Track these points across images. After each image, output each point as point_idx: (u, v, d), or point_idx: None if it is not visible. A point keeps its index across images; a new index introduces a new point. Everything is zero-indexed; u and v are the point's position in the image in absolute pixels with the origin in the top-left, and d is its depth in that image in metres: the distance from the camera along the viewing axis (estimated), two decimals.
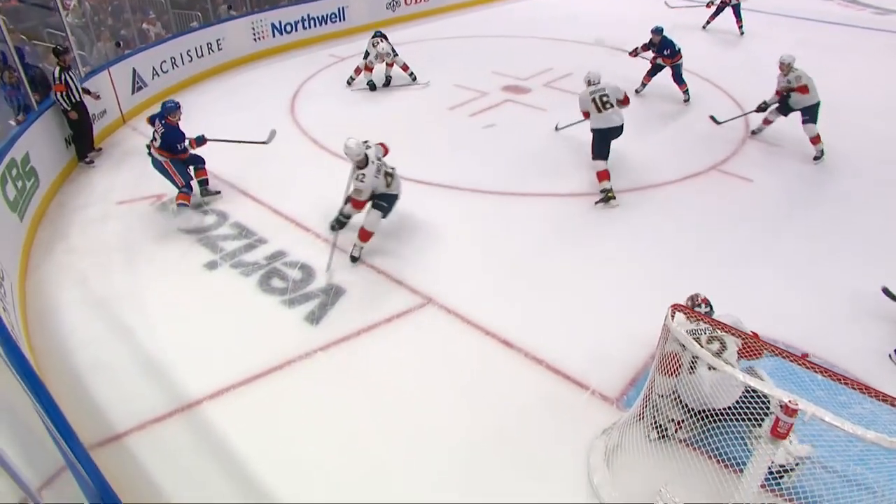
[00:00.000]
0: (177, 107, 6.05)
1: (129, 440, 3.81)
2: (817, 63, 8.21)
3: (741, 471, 3.10)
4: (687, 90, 9.00)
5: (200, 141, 6.28)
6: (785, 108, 7.49)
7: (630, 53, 9.49)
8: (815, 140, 7.30)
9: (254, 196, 6.51)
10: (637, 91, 9.26)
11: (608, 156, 6.44)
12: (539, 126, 8.31)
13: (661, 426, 3.78)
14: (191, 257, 5.58)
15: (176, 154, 6.05)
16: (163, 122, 5.99)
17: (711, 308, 4.02)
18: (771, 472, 3.20)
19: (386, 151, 5.70)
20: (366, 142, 5.35)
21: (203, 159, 6.42)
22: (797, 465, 3.46)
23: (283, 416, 4.00)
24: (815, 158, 7.34)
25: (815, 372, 3.11)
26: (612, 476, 3.56)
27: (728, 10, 12.88)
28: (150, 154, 6.14)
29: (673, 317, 3.31)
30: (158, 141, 5.99)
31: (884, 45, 12.54)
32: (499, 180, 6.83)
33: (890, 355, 4.47)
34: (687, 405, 3.67)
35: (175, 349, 4.51)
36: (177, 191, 6.14)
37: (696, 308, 3.94)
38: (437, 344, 4.63)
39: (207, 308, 4.98)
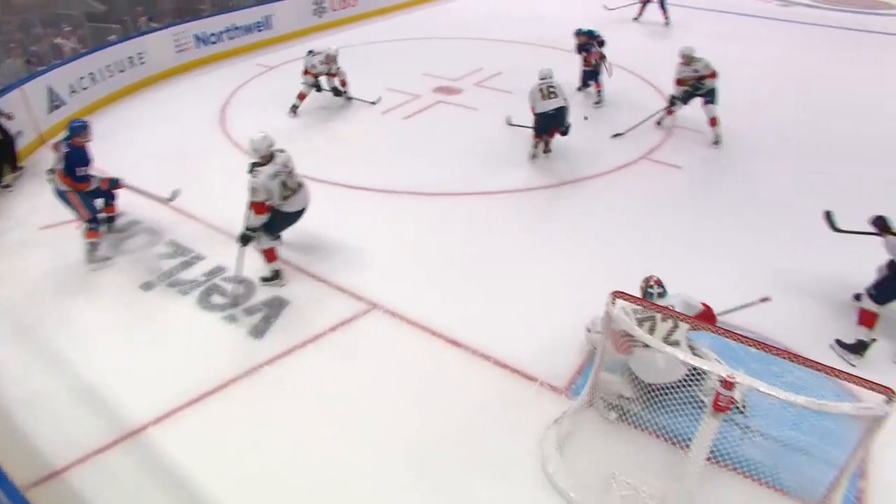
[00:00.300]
0: (84, 127, 5.40)
1: (71, 475, 3.63)
2: (737, 53, 8.62)
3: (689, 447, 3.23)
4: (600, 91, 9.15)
5: (114, 184, 5.62)
6: (687, 97, 7.81)
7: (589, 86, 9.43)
8: (714, 122, 7.75)
9: (188, 212, 6.31)
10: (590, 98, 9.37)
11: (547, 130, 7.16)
12: (471, 125, 8.44)
13: (617, 406, 3.93)
14: (124, 279, 5.37)
15: (77, 182, 5.32)
16: (68, 143, 5.32)
17: (664, 289, 4.17)
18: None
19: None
20: (283, 150, 5.13)
21: (114, 195, 5.84)
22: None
23: (232, 434, 3.90)
24: (715, 143, 7.79)
25: (749, 345, 3.28)
26: (566, 463, 3.64)
27: (655, 3, 13.62)
28: (50, 181, 5.42)
29: (614, 303, 3.41)
30: (62, 164, 5.27)
31: (790, 35, 13.33)
32: (435, 181, 6.88)
33: (857, 296, 4.69)
34: (641, 381, 3.82)
35: (114, 375, 4.34)
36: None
37: (649, 290, 4.07)
38: (384, 348, 4.62)
39: (146, 330, 4.81)
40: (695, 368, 3.35)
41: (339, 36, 12.60)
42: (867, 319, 4.55)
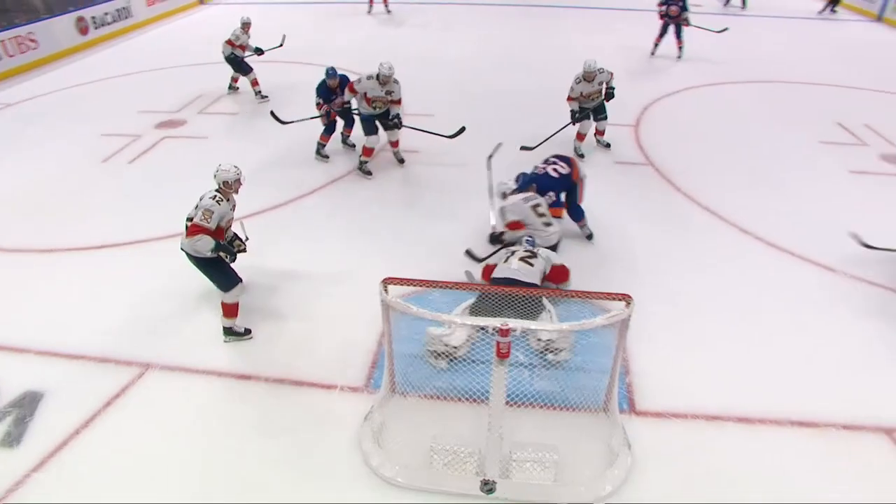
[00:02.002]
0: None
1: None
2: (451, 36, 9.29)
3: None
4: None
5: None
6: (586, 113, 7.62)
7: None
8: (604, 132, 7.94)
9: None
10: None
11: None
12: (203, 155, 7.99)
13: (444, 354, 4.26)
14: None
15: None
16: None
17: (534, 241, 5.09)
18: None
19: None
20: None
21: None
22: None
23: None
24: (581, 156, 7.78)
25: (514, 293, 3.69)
26: (386, 453, 3.71)
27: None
28: None
29: (386, 290, 3.53)
30: None
31: (490, 16, 14.93)
32: (172, 221, 6.35)
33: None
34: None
35: None
36: None
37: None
38: (171, 405, 4.22)
39: None
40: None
41: (23, 87, 10.96)
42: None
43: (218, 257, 4.48)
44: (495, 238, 5.70)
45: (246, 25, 9.61)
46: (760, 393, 4.26)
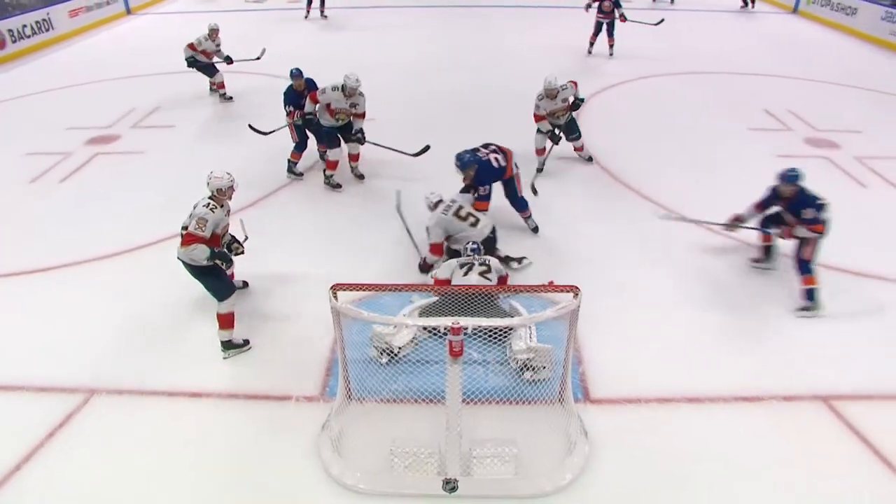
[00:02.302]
0: None
1: None
2: (397, 39, 9.28)
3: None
4: None
5: None
6: (558, 131, 7.24)
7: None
8: (582, 147, 7.56)
9: None
10: None
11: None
12: (141, 169, 7.79)
13: (386, 351, 4.28)
14: None
15: None
16: None
17: (479, 246, 4.97)
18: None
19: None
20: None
21: None
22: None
23: None
24: (589, 159, 7.66)
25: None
26: (346, 461, 3.69)
27: None
28: None
29: (336, 297, 3.50)
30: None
31: (432, 17, 14.99)
32: (110, 240, 6.16)
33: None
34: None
35: None
36: None
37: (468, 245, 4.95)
38: (123, 429, 4.06)
39: None
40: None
41: None
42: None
43: (214, 265, 4.41)
44: (424, 268, 5.51)
45: (213, 32, 9.48)
46: (707, 373, 4.43)
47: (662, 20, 12.16)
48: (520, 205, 6.04)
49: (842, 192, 6.85)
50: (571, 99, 7.14)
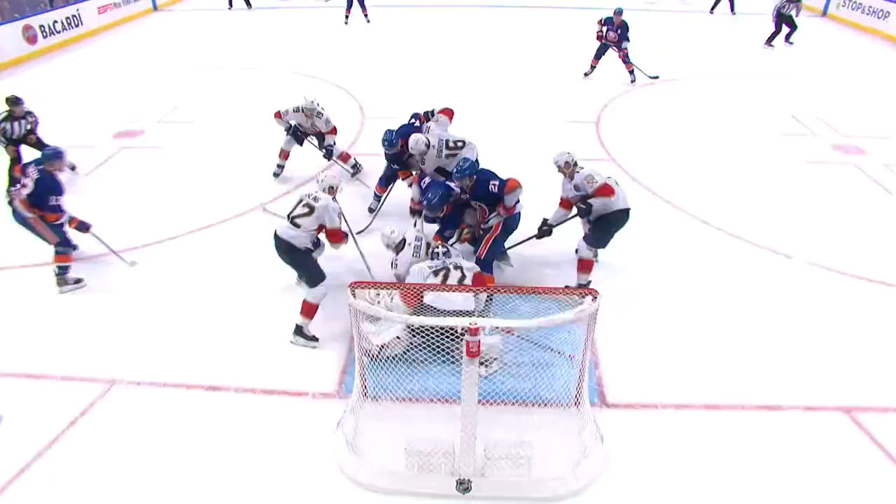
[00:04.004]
0: (58, 155, 5.29)
1: None
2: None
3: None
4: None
5: (83, 227, 5.43)
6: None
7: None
8: (584, 268, 5.25)
9: None
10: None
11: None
12: (164, 162, 7.89)
13: (368, 351, 4.16)
14: None
15: (47, 212, 5.13)
16: (40, 169, 5.14)
17: (448, 248, 4.78)
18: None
19: None
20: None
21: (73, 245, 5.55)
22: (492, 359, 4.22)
23: None
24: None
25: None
26: (361, 459, 3.69)
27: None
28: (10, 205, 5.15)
29: (354, 295, 3.51)
30: (31, 189, 5.05)
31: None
32: (133, 233, 6.22)
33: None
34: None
35: None
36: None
37: (436, 248, 4.72)
38: (140, 421, 4.11)
39: None
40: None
41: None
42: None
43: (311, 253, 4.73)
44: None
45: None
46: (726, 379, 4.36)
47: (657, 76, 10.72)
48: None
49: (869, 200, 6.75)
50: (588, 190, 5.05)
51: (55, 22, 13.33)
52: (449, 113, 6.32)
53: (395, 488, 3.55)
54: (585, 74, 10.85)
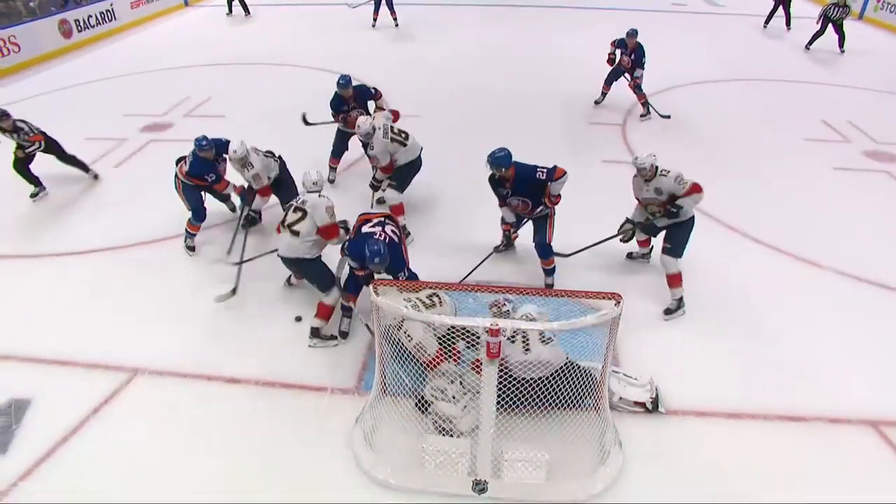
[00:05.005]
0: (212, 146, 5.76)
1: None
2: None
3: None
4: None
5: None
6: (653, 228, 5.16)
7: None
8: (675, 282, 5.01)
9: None
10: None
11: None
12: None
13: (444, 430, 3.85)
14: None
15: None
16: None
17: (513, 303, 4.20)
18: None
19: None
20: None
21: None
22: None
23: None
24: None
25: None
26: (378, 455, 3.71)
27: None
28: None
29: (377, 293, 3.52)
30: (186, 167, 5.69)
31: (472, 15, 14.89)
32: (159, 226, 6.34)
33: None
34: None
35: None
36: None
37: (504, 308, 4.16)
38: (162, 410, 4.20)
39: None
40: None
41: (4, 91, 10.81)
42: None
43: (319, 257, 4.71)
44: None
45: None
46: (748, 388, 4.30)
47: (668, 116, 9.14)
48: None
49: None
50: (683, 189, 4.85)
51: (90, 17, 13.60)
52: (395, 114, 6.33)
53: (411, 486, 3.57)
54: (597, 102, 9.55)
